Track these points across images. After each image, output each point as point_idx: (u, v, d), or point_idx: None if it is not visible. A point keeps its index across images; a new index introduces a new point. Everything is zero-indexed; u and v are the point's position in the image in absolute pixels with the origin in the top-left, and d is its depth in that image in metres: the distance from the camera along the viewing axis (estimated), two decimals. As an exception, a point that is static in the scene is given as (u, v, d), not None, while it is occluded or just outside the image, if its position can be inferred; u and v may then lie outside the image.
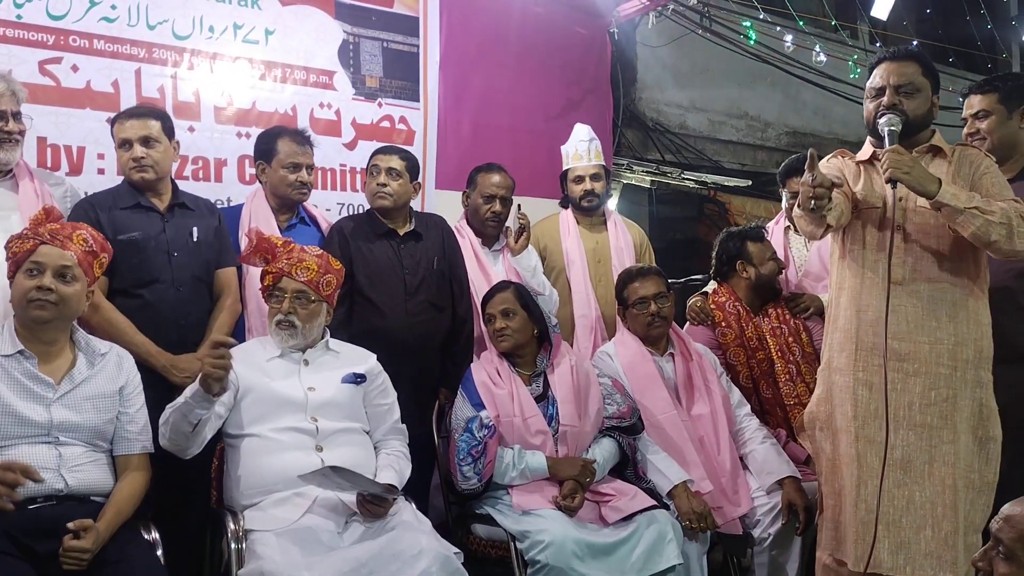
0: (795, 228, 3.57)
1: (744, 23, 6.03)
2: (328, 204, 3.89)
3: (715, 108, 7.06)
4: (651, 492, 2.82)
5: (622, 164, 6.17)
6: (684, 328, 3.42)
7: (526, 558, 2.51)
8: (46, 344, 2.26)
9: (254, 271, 2.82)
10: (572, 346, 3.36)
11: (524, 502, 2.67)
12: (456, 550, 2.33)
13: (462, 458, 2.71)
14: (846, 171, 2.60)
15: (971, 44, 8.05)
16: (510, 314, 2.93)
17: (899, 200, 2.42)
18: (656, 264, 3.61)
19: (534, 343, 2.98)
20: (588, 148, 3.78)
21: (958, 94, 3.06)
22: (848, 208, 2.49)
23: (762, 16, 6.15)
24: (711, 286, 3.53)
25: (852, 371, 2.51)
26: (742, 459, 3.08)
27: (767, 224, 3.82)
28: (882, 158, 2.34)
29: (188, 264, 2.80)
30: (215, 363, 2.21)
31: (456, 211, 3.68)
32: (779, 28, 6.16)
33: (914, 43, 5.94)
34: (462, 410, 2.81)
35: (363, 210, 3.57)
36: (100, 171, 3.35)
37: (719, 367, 3.22)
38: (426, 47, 4.31)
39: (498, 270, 3.48)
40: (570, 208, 3.85)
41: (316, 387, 2.53)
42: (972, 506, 2.36)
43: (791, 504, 2.90)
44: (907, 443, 2.39)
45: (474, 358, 3.15)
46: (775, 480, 2.97)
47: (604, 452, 2.87)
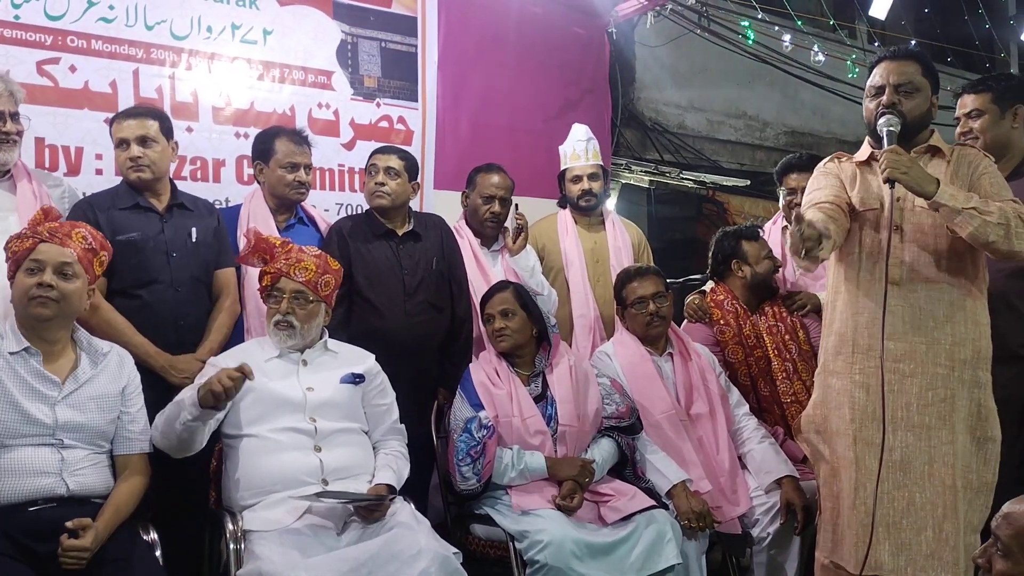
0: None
1: (742, 23, 6.03)
2: (327, 204, 3.88)
3: (713, 108, 7.06)
4: (650, 492, 2.82)
5: (621, 164, 6.17)
6: (682, 326, 3.42)
7: (525, 558, 2.51)
8: (49, 343, 2.25)
9: (253, 271, 2.82)
10: (571, 346, 3.36)
11: (523, 502, 2.67)
12: (455, 550, 2.33)
13: (461, 458, 2.71)
14: (843, 176, 2.59)
15: (969, 44, 8.05)
16: (509, 314, 2.93)
17: (897, 200, 2.41)
18: (654, 264, 3.61)
19: (533, 343, 2.98)
20: (586, 148, 3.78)
21: (954, 93, 3.06)
22: (843, 232, 2.47)
23: (760, 16, 6.15)
24: (709, 286, 3.53)
25: (848, 374, 2.50)
26: (741, 459, 3.08)
27: (765, 223, 3.82)
28: (880, 158, 2.34)
29: (187, 265, 2.80)
30: (228, 383, 2.20)
31: (455, 211, 3.67)
32: (777, 28, 6.16)
33: (912, 43, 5.94)
34: (461, 410, 2.81)
35: (362, 210, 3.57)
36: (98, 171, 3.34)
37: (718, 366, 3.22)
38: (424, 47, 4.31)
39: (497, 270, 3.48)
40: (568, 208, 3.85)
41: (315, 387, 2.53)
42: (970, 506, 2.36)
43: (790, 503, 2.90)
44: (906, 444, 2.38)
45: (473, 358, 3.15)
46: (774, 479, 2.97)
47: (603, 452, 2.87)
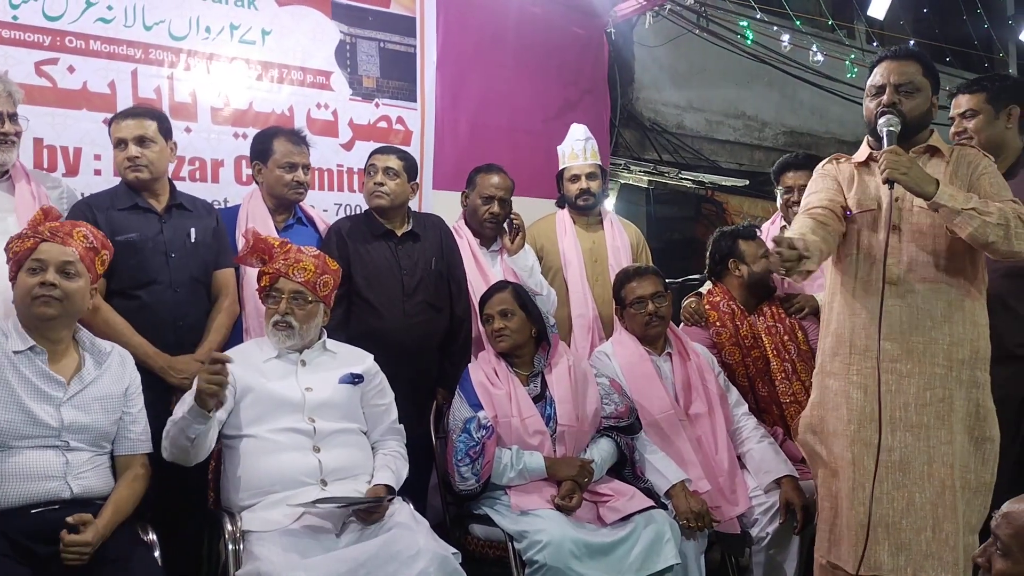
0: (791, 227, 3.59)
1: (741, 23, 6.03)
2: (325, 204, 3.87)
3: (712, 108, 7.06)
4: (649, 492, 2.82)
5: (619, 164, 6.17)
6: (679, 328, 3.42)
7: (524, 558, 2.51)
8: (52, 342, 2.24)
9: (251, 272, 2.81)
10: (569, 346, 3.35)
11: (522, 502, 2.67)
12: (454, 550, 2.33)
13: (460, 459, 2.71)
14: (840, 177, 2.59)
15: (968, 44, 8.06)
16: (508, 314, 2.93)
17: (895, 200, 2.41)
18: (653, 264, 3.62)
19: (532, 343, 2.98)
20: (584, 147, 3.79)
21: (949, 94, 3.06)
22: (835, 238, 2.48)
23: (759, 16, 6.16)
24: (707, 286, 3.53)
25: (846, 375, 2.50)
26: (740, 458, 3.08)
27: (763, 223, 3.82)
28: (880, 159, 2.33)
29: (186, 265, 2.80)
30: (210, 378, 2.19)
31: (453, 211, 3.67)
32: (776, 28, 6.16)
33: (911, 43, 5.94)
34: (460, 411, 2.81)
35: (361, 210, 3.57)
36: (97, 172, 3.34)
37: (716, 366, 3.22)
38: (423, 47, 4.31)
39: (496, 271, 3.48)
40: (566, 208, 3.85)
41: (313, 387, 2.53)
42: (968, 506, 2.35)
43: (789, 503, 2.90)
44: (905, 445, 2.38)
45: (472, 358, 3.15)
46: (773, 479, 2.97)
47: (602, 452, 2.87)
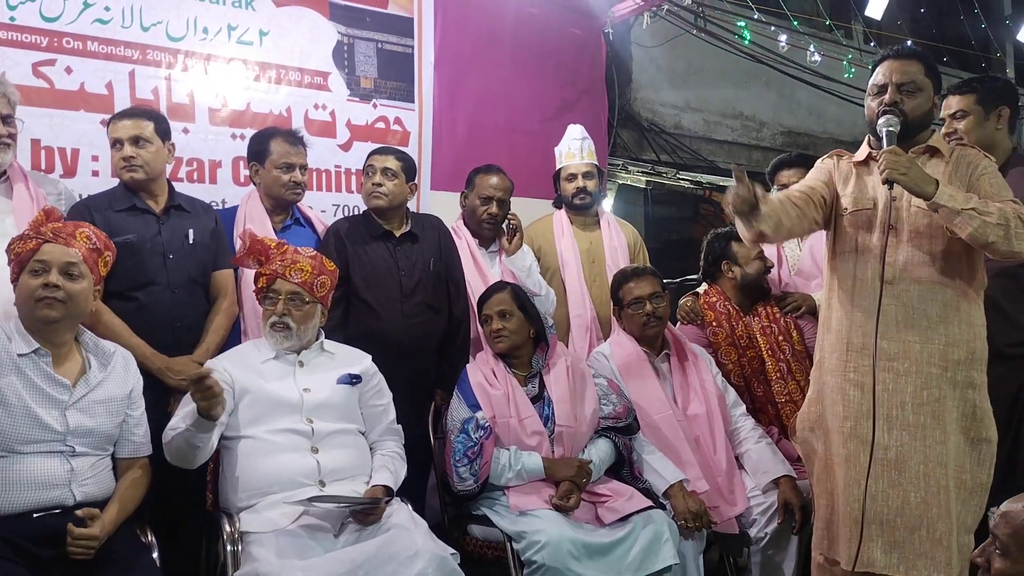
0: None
1: (738, 23, 6.03)
2: (323, 205, 3.87)
3: (710, 108, 7.07)
4: (647, 492, 2.82)
5: (617, 164, 6.17)
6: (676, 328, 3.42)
7: (522, 558, 2.51)
8: (56, 345, 2.21)
9: (249, 273, 2.81)
10: (567, 346, 3.36)
11: (520, 503, 2.67)
12: (452, 551, 2.33)
13: (458, 459, 2.70)
14: (836, 173, 2.59)
15: (965, 43, 8.07)
16: (507, 315, 2.93)
17: (892, 200, 2.42)
18: (651, 264, 3.62)
19: (530, 344, 2.98)
20: (580, 147, 3.79)
21: (939, 95, 3.07)
22: (802, 221, 2.48)
23: (756, 16, 6.15)
24: (704, 287, 3.53)
25: (843, 372, 2.50)
26: (738, 458, 3.08)
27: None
28: (879, 159, 2.34)
29: (183, 266, 2.80)
30: (203, 396, 2.17)
31: (451, 212, 3.67)
32: (773, 28, 6.16)
33: (908, 42, 5.94)
34: (458, 411, 2.81)
35: (359, 211, 3.56)
36: (94, 173, 3.33)
37: (714, 366, 3.22)
38: (420, 48, 4.31)
39: (495, 271, 3.47)
40: (563, 208, 3.85)
41: (311, 388, 2.53)
42: (964, 507, 2.36)
43: (787, 503, 2.90)
44: (901, 443, 2.38)
45: (470, 359, 3.15)
46: (771, 479, 2.98)
47: (600, 452, 2.87)
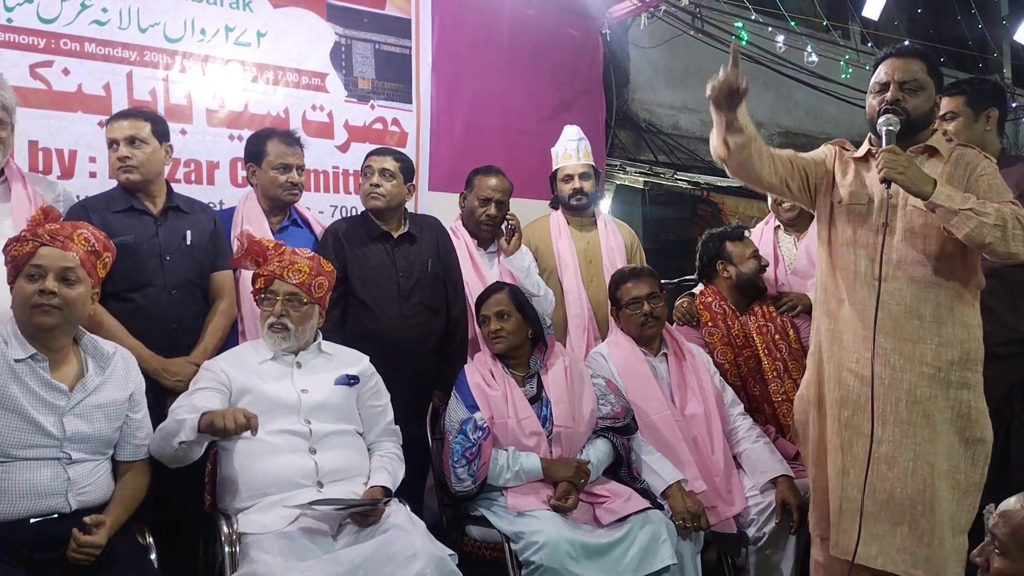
0: (785, 227, 3.60)
1: (736, 24, 6.04)
2: (321, 206, 3.88)
3: (707, 108, 7.00)
4: (645, 492, 2.82)
5: (615, 165, 6.17)
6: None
7: (520, 559, 2.51)
8: (53, 351, 2.17)
9: (247, 274, 2.81)
10: (565, 347, 3.36)
11: (519, 503, 2.67)
12: (450, 552, 2.33)
13: (456, 460, 2.70)
14: (836, 162, 2.59)
15: (962, 44, 8.08)
16: (505, 316, 2.93)
17: (888, 198, 2.42)
18: (648, 264, 3.62)
19: (528, 345, 2.98)
20: (577, 147, 3.79)
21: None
22: (766, 163, 2.48)
23: (754, 17, 6.16)
24: (699, 288, 3.54)
25: (842, 360, 2.51)
26: (736, 458, 3.08)
27: (758, 224, 3.83)
28: (878, 157, 2.34)
29: (180, 267, 2.80)
30: (232, 427, 2.15)
31: (449, 212, 3.67)
32: (771, 28, 6.17)
33: (905, 43, 5.95)
34: (456, 412, 2.81)
35: (356, 212, 3.56)
36: (92, 174, 3.34)
37: (712, 366, 3.23)
38: (418, 49, 4.31)
39: (494, 272, 3.48)
40: (560, 209, 3.85)
41: (309, 389, 2.53)
42: (958, 507, 2.37)
43: (785, 503, 2.90)
44: (893, 439, 2.39)
45: (468, 359, 3.15)
46: (769, 479, 2.97)
47: (598, 453, 2.87)
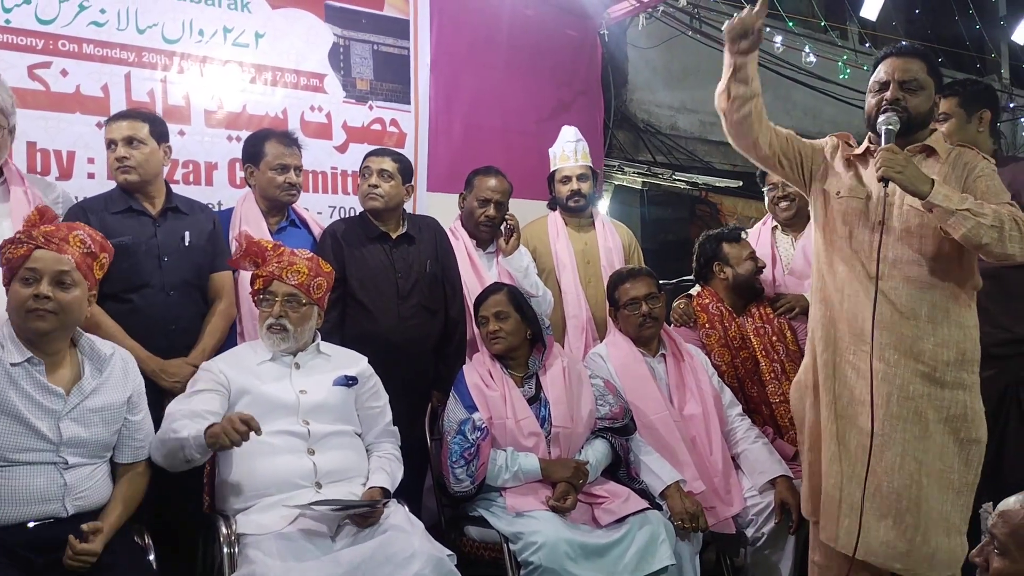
0: (782, 228, 3.60)
1: (734, 24, 6.04)
2: (319, 207, 3.88)
3: (706, 109, 7.04)
4: (643, 492, 2.82)
5: (613, 166, 6.17)
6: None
7: (519, 559, 2.51)
8: (49, 354, 2.15)
9: (246, 274, 2.81)
10: (563, 347, 3.36)
11: (517, 504, 2.67)
12: (449, 552, 2.33)
13: (455, 460, 2.71)
14: (835, 153, 2.59)
15: (960, 44, 8.09)
16: (503, 317, 2.93)
17: (885, 196, 2.41)
18: (647, 265, 3.62)
19: (527, 345, 2.98)
20: (575, 149, 3.79)
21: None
22: (765, 130, 2.55)
23: (751, 17, 6.16)
24: (697, 288, 3.54)
25: (839, 351, 2.52)
26: (734, 459, 3.09)
27: (756, 224, 3.83)
28: (876, 156, 2.34)
29: (178, 268, 2.80)
30: (235, 437, 2.15)
31: (448, 213, 3.67)
32: (768, 29, 6.16)
33: (902, 43, 5.95)
34: (454, 412, 2.81)
35: (355, 213, 3.56)
36: (90, 175, 3.34)
37: (710, 367, 3.23)
38: (416, 50, 4.32)
39: (492, 273, 3.48)
40: (558, 210, 3.85)
41: (308, 390, 2.53)
42: (951, 507, 2.38)
43: (783, 503, 2.90)
44: (883, 433, 2.40)
45: (466, 360, 3.15)
46: (767, 479, 2.98)
47: (597, 453, 2.87)
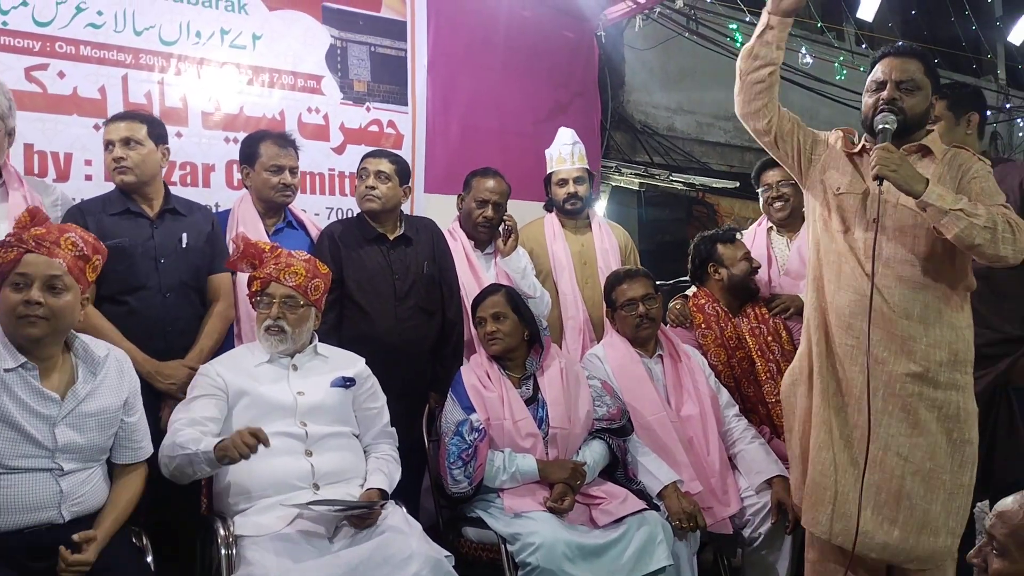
0: (777, 228, 3.61)
1: (730, 25, 6.06)
2: (317, 208, 3.88)
3: (702, 110, 7.09)
4: (641, 493, 2.83)
5: (610, 167, 6.18)
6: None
7: (517, 560, 2.51)
8: (43, 359, 2.11)
9: (242, 276, 2.81)
10: (561, 348, 3.36)
11: (515, 505, 2.68)
12: (447, 553, 2.34)
13: (452, 461, 2.71)
14: (832, 147, 2.60)
15: (956, 45, 8.11)
16: (501, 317, 2.93)
17: (880, 194, 2.42)
18: (644, 266, 3.62)
19: (524, 346, 2.98)
20: (571, 151, 3.79)
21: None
22: (775, 104, 2.52)
23: (748, 19, 6.17)
24: (692, 290, 3.55)
25: (830, 342, 2.53)
26: (731, 459, 3.09)
27: (751, 225, 3.84)
28: (872, 154, 2.35)
29: (175, 270, 2.79)
30: (245, 451, 2.13)
31: (445, 215, 3.68)
32: (765, 30, 6.18)
33: (900, 43, 5.97)
34: (452, 413, 2.81)
35: (352, 214, 3.57)
36: (87, 177, 3.34)
37: (707, 368, 3.23)
38: (414, 51, 4.32)
39: (490, 274, 3.48)
40: (555, 212, 3.86)
41: (305, 391, 2.53)
42: (942, 508, 2.39)
43: (780, 503, 2.91)
44: (864, 427, 2.42)
45: (464, 361, 3.15)
46: (764, 479, 2.98)
47: (594, 454, 2.88)
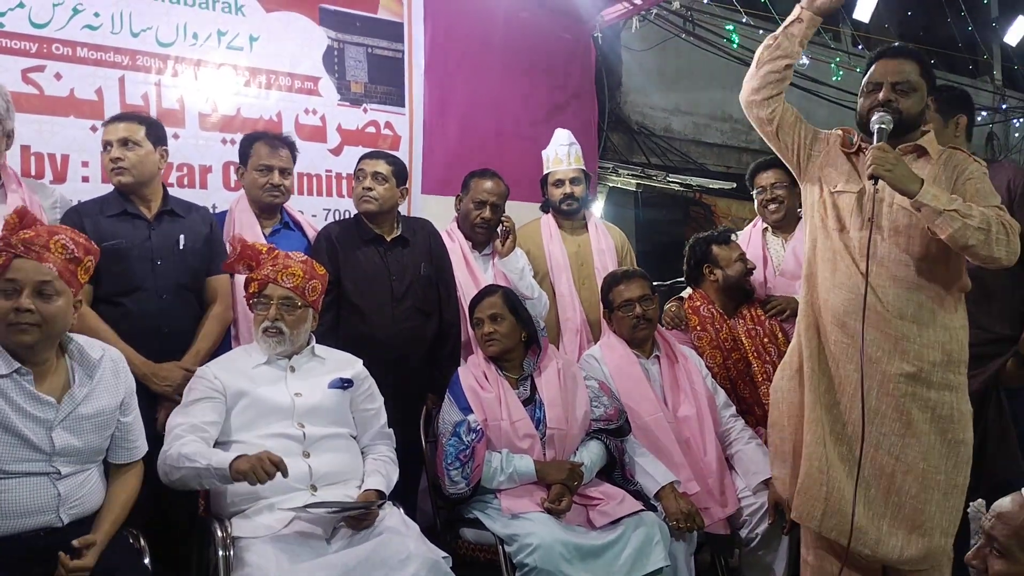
0: (772, 229, 3.61)
1: (727, 27, 6.08)
2: (314, 210, 3.88)
3: (699, 111, 7.10)
4: (638, 494, 2.83)
5: (608, 168, 6.19)
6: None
7: (514, 561, 2.51)
8: (37, 364, 2.09)
9: (240, 278, 2.81)
10: (558, 349, 3.36)
11: (512, 506, 2.68)
12: (444, 554, 2.34)
13: (450, 462, 2.71)
14: (830, 145, 2.61)
15: (952, 46, 8.13)
16: (498, 319, 2.93)
17: (875, 193, 2.42)
18: (641, 267, 3.62)
19: (521, 347, 2.98)
20: (568, 152, 3.80)
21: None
22: (781, 98, 2.58)
23: (745, 20, 6.20)
24: (688, 291, 3.55)
25: (823, 339, 2.54)
26: (728, 460, 3.10)
27: (747, 226, 3.84)
28: (867, 154, 2.36)
29: (172, 272, 2.79)
30: (263, 475, 2.15)
31: (442, 216, 3.68)
32: (762, 31, 6.19)
33: (895, 45, 5.99)
34: (449, 414, 2.81)
35: (349, 215, 3.56)
36: (84, 179, 3.34)
37: (704, 368, 3.24)
38: (411, 52, 4.32)
39: (488, 275, 3.49)
40: (551, 212, 3.86)
41: (303, 393, 2.53)
42: (936, 508, 2.39)
43: (777, 504, 2.90)
44: (857, 423, 2.43)
45: (461, 362, 3.16)
46: (761, 480, 2.99)
47: (591, 455, 2.88)
